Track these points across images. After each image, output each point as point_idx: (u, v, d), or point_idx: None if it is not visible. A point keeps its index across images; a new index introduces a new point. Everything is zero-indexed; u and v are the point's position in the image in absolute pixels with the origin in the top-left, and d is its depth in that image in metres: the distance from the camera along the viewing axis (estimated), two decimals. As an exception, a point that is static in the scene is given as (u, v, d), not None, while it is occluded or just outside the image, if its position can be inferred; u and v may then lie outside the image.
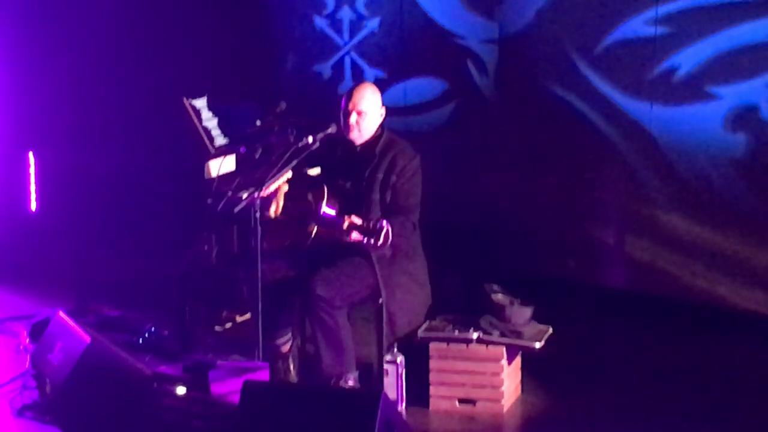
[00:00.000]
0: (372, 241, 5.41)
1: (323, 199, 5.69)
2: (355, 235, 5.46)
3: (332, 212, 5.64)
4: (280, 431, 4.82)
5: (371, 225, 5.42)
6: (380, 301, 5.67)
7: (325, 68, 8.25)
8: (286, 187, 5.87)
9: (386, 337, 5.70)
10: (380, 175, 5.81)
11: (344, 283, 5.69)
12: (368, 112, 5.83)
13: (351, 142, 5.88)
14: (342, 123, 5.86)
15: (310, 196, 5.75)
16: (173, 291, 6.57)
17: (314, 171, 6.05)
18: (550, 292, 6.59)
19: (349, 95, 5.86)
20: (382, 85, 7.43)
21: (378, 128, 5.91)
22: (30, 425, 5.57)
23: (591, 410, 5.76)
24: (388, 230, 5.38)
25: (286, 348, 5.97)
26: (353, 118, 5.81)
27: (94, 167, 7.53)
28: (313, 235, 5.67)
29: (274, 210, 5.84)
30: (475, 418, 5.68)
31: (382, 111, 5.91)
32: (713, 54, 6.54)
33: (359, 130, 5.84)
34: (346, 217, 5.51)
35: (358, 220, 5.48)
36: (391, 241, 5.49)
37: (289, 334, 5.99)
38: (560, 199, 7.24)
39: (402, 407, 5.67)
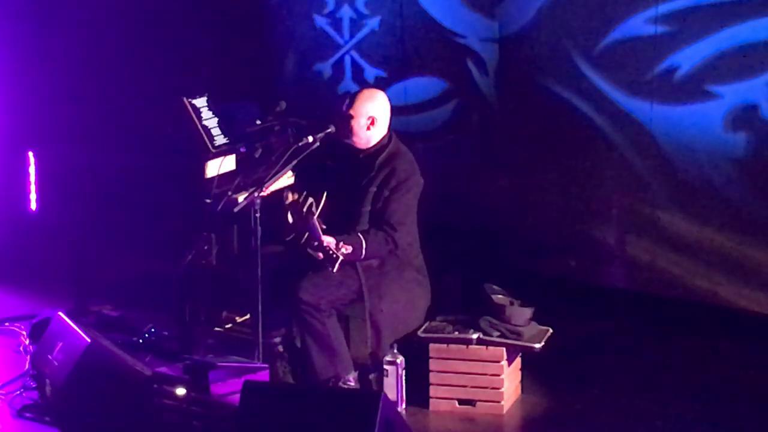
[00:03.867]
0: (328, 264, 5.47)
1: (318, 210, 5.70)
2: (320, 252, 5.50)
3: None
4: (280, 432, 4.83)
5: (330, 252, 5.45)
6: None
7: (326, 67, 8.23)
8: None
9: (370, 344, 5.71)
10: (374, 189, 5.79)
11: (330, 288, 5.69)
12: (357, 117, 5.79)
13: (356, 149, 5.86)
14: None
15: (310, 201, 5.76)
16: (173, 291, 6.56)
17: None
18: (550, 292, 6.59)
19: (350, 97, 5.88)
20: (382, 84, 7.45)
21: (384, 137, 5.88)
22: (30, 426, 5.57)
23: (591, 410, 5.76)
24: (340, 259, 5.42)
25: (281, 347, 5.96)
26: (346, 119, 5.81)
27: (94, 167, 7.48)
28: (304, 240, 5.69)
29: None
30: (475, 419, 5.68)
31: (380, 118, 5.83)
32: (713, 53, 6.53)
33: (352, 134, 5.81)
34: (323, 237, 5.50)
35: (330, 240, 5.49)
36: (377, 254, 5.62)
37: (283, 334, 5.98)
38: (560, 199, 7.23)
39: (402, 408, 5.67)
